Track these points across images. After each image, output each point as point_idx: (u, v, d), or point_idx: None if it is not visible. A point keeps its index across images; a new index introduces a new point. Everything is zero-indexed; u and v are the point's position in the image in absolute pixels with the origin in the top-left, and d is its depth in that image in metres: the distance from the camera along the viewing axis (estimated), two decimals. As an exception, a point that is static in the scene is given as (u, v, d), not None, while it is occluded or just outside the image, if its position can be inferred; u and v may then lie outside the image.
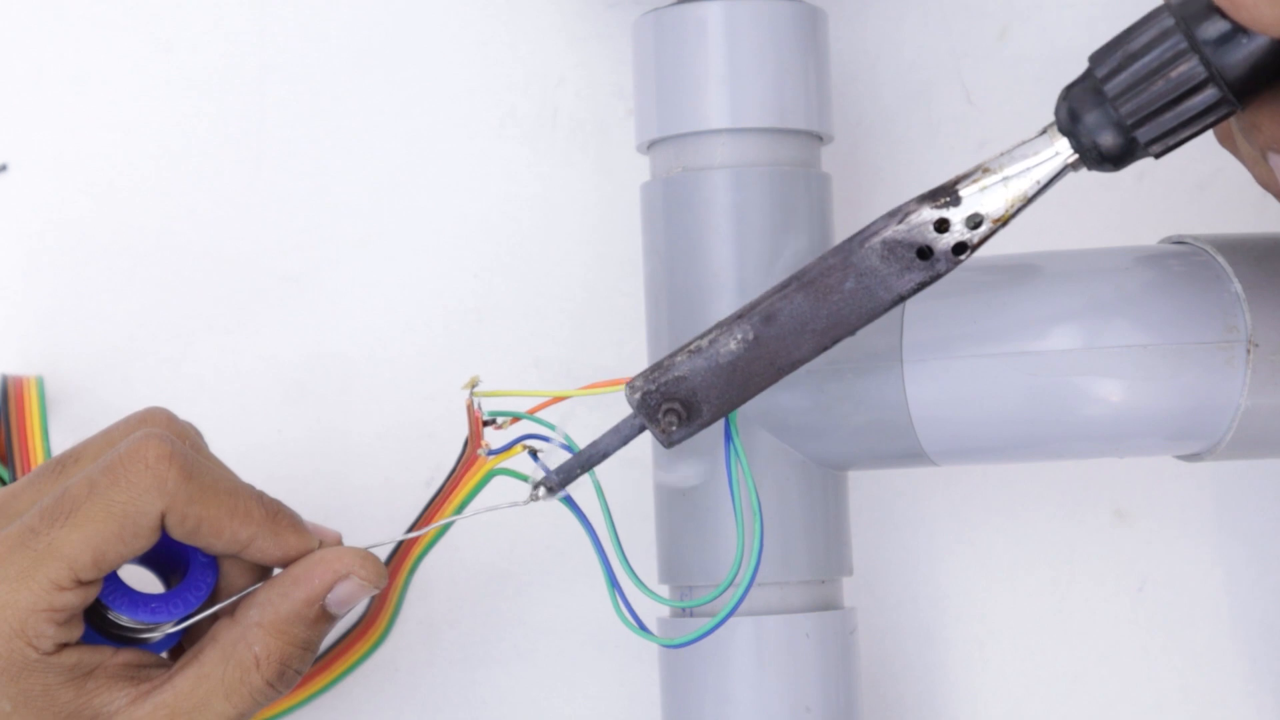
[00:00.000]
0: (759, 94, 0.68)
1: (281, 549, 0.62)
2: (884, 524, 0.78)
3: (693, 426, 0.61)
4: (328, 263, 0.80)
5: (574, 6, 0.80)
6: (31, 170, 0.81)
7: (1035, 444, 0.65)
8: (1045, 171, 0.57)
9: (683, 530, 0.69)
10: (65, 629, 0.60)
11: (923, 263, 0.58)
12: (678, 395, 0.60)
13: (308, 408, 0.79)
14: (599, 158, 0.80)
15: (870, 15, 0.80)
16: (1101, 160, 0.56)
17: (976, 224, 0.57)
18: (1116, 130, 0.55)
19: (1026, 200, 0.57)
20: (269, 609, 0.62)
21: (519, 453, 0.64)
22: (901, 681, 0.78)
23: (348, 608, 0.63)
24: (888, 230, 0.58)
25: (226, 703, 0.61)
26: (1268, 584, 0.78)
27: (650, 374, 0.61)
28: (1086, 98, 0.56)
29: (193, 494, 0.60)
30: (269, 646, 0.62)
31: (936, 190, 0.57)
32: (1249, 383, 0.62)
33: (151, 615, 0.62)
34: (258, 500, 0.62)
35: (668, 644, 0.65)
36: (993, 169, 0.57)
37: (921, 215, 0.57)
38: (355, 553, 0.63)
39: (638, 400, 0.61)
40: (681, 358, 0.60)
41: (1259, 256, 0.63)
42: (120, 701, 0.61)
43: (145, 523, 0.60)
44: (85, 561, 0.59)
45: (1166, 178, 0.79)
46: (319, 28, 0.81)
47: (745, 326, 0.60)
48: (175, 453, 0.60)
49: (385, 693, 0.78)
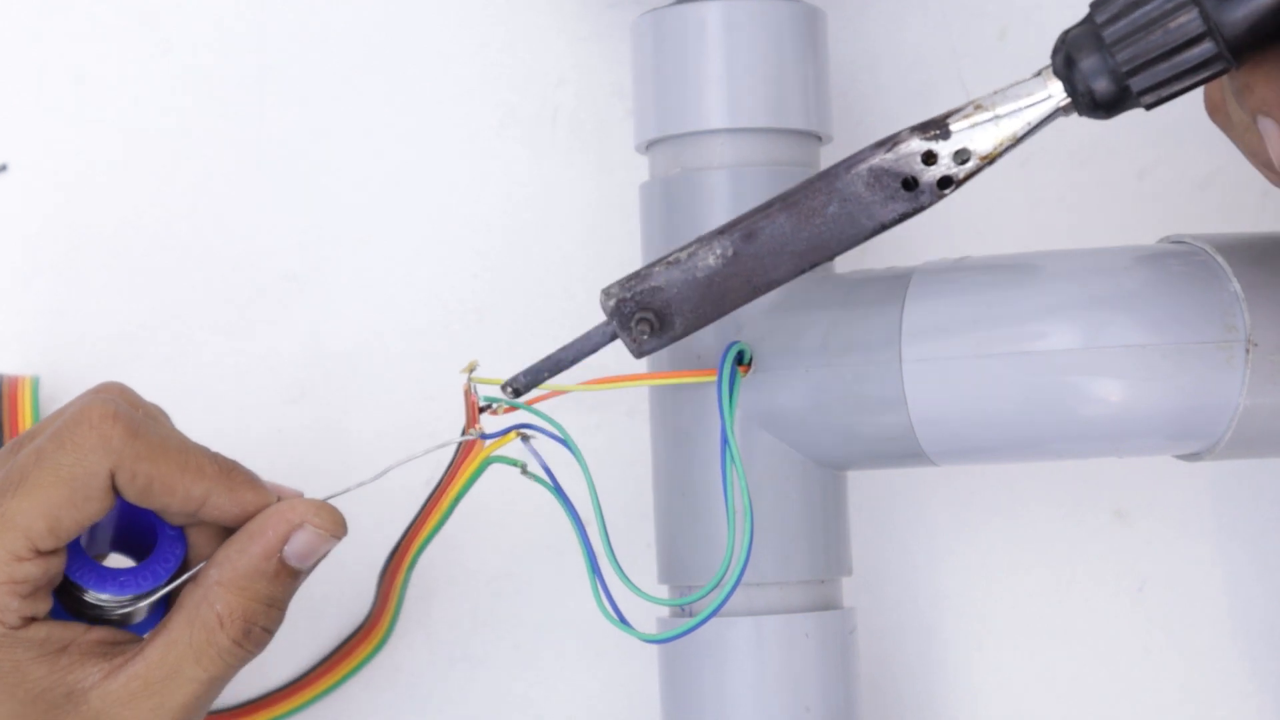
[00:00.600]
0: (758, 94, 0.68)
1: (239, 505, 0.62)
2: (884, 524, 0.78)
3: (664, 338, 0.61)
4: (328, 262, 0.80)
5: (574, 7, 0.80)
6: (31, 170, 0.81)
7: (1035, 444, 0.65)
8: (1037, 113, 0.57)
9: (681, 530, 0.69)
10: (30, 602, 0.60)
11: (907, 193, 0.58)
12: (652, 305, 0.61)
13: (308, 407, 0.79)
14: (599, 158, 0.80)
15: (870, 15, 0.80)
16: (1094, 107, 0.56)
17: (964, 160, 0.57)
18: (1111, 77, 0.55)
19: (1015, 140, 0.57)
20: (227, 566, 0.62)
21: (513, 439, 0.64)
22: (901, 681, 0.78)
23: (310, 561, 0.63)
24: (875, 158, 0.58)
25: (197, 666, 0.61)
26: (1268, 584, 0.78)
27: (626, 282, 0.61)
28: (1084, 42, 0.55)
29: (140, 451, 0.60)
30: (230, 604, 0.61)
31: (927, 122, 0.57)
32: (1248, 382, 0.62)
33: (121, 589, 0.62)
34: (210, 457, 0.62)
35: (645, 638, 0.65)
36: (985, 106, 0.57)
37: (910, 146, 0.57)
38: (309, 502, 0.62)
39: (612, 307, 0.61)
40: (659, 268, 0.60)
41: (1258, 256, 0.63)
42: (94, 677, 0.61)
43: (95, 483, 0.59)
44: (40, 529, 0.59)
45: (1166, 178, 0.79)
46: (319, 28, 0.81)
47: (725, 242, 0.60)
48: (119, 412, 0.60)
49: (385, 693, 0.78)
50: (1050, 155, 0.78)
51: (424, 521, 0.67)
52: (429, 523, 0.67)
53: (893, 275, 0.66)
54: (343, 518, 0.63)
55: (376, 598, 0.74)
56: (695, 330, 0.61)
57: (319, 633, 0.77)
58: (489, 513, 0.76)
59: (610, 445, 0.77)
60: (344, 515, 0.63)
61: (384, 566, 0.72)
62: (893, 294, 0.65)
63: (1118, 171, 0.78)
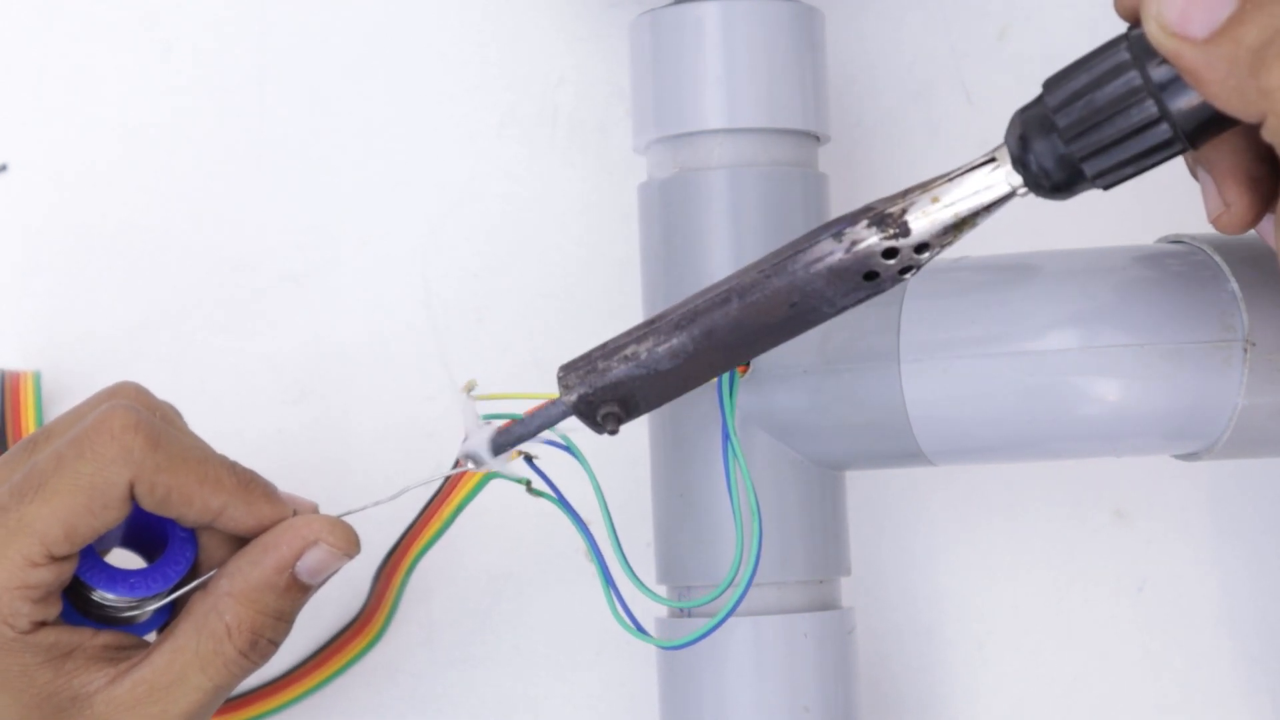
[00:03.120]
0: (756, 94, 0.68)
1: (255, 517, 0.62)
2: (883, 524, 0.78)
3: (631, 418, 0.61)
4: (328, 263, 0.80)
5: (573, 7, 0.80)
6: (31, 170, 0.81)
7: (1033, 444, 0.65)
8: (991, 197, 0.56)
9: (681, 530, 0.69)
10: (41, 606, 0.59)
11: (869, 283, 0.57)
12: (615, 397, 0.61)
13: (308, 407, 0.79)
14: (599, 158, 0.80)
15: (870, 15, 0.80)
16: (1050, 189, 0.56)
17: (923, 250, 0.57)
18: (1064, 163, 0.55)
19: (974, 225, 0.57)
20: (239, 578, 0.61)
21: (516, 458, 0.64)
22: (901, 681, 0.78)
23: (321, 577, 0.62)
24: (833, 258, 0.57)
25: (202, 675, 0.61)
26: (1266, 584, 0.78)
27: (585, 375, 0.61)
28: (1036, 127, 0.55)
29: (160, 462, 0.60)
30: (239, 616, 0.61)
31: (883, 216, 0.56)
32: (1246, 382, 0.62)
33: (131, 590, 0.62)
34: (229, 469, 0.62)
35: (665, 645, 0.65)
36: (940, 198, 0.56)
37: (869, 245, 0.57)
38: (324, 519, 0.62)
39: (574, 401, 0.61)
40: (617, 364, 0.60)
41: (1256, 256, 0.63)
42: (99, 681, 0.60)
43: (114, 493, 0.59)
44: (56, 535, 0.59)
45: (1166, 178, 0.78)
46: (319, 28, 0.81)
47: (684, 339, 0.60)
48: (141, 422, 0.60)
49: (385, 693, 0.78)
50: (1050, 155, 0.78)
51: (423, 528, 0.67)
52: (428, 531, 0.67)
53: (891, 275, 0.66)
54: (356, 536, 0.63)
55: (370, 596, 0.74)
56: (660, 406, 0.62)
57: (313, 629, 0.77)
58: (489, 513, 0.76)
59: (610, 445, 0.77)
60: (358, 534, 0.63)
61: (380, 567, 0.72)
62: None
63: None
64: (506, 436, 0.63)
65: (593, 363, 0.61)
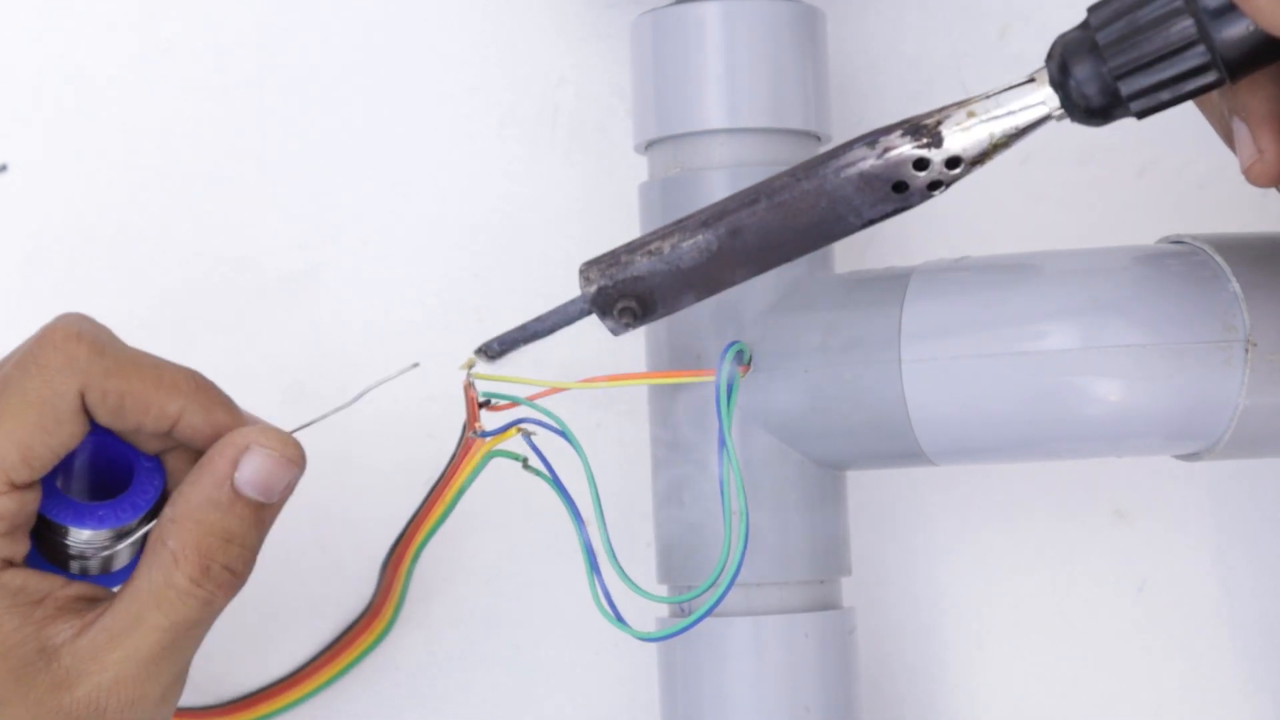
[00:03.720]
0: (756, 94, 0.68)
1: (212, 425, 0.59)
2: (883, 524, 0.78)
3: (645, 320, 0.61)
4: (328, 262, 0.80)
5: (574, 7, 0.80)
6: (31, 170, 0.81)
7: (1034, 444, 0.65)
8: (1028, 118, 0.57)
9: (680, 530, 0.69)
10: (6, 541, 0.57)
11: (897, 195, 0.58)
12: (634, 292, 0.60)
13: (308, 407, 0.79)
14: (599, 158, 0.80)
15: (871, 15, 0.80)
16: (1086, 113, 0.56)
17: (954, 165, 0.57)
18: (1102, 81, 0.55)
19: (1007, 144, 0.57)
20: (180, 500, 0.59)
21: (514, 435, 0.63)
22: (901, 681, 0.78)
23: (268, 491, 0.59)
24: (865, 163, 0.57)
25: (158, 612, 0.58)
26: (1267, 584, 0.78)
27: (606, 269, 0.60)
28: (1077, 47, 0.55)
29: (109, 367, 0.58)
30: (183, 539, 0.58)
31: (918, 127, 0.57)
32: (1247, 382, 0.62)
33: (100, 523, 0.59)
34: (186, 374, 0.59)
35: (640, 636, 0.64)
36: (976, 112, 0.57)
37: (902, 152, 0.57)
38: (260, 427, 0.60)
39: (593, 293, 0.60)
40: (641, 257, 0.60)
41: (1257, 256, 0.63)
42: (66, 633, 0.58)
43: (64, 405, 0.57)
44: (13, 459, 0.56)
45: (1166, 178, 0.79)
46: (319, 27, 0.81)
47: (710, 236, 0.59)
48: (84, 331, 0.58)
49: (385, 692, 0.78)
50: (1050, 155, 0.78)
51: (426, 515, 0.67)
52: (431, 517, 0.67)
53: (892, 275, 0.66)
54: (294, 441, 0.60)
55: (378, 589, 0.74)
56: (675, 312, 0.61)
57: (317, 627, 0.77)
58: (489, 512, 0.76)
59: (610, 445, 0.77)
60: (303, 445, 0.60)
61: (386, 557, 0.72)
62: (892, 294, 0.65)
63: (1117, 171, 0.78)
64: (520, 333, 0.62)
65: (616, 257, 0.60)
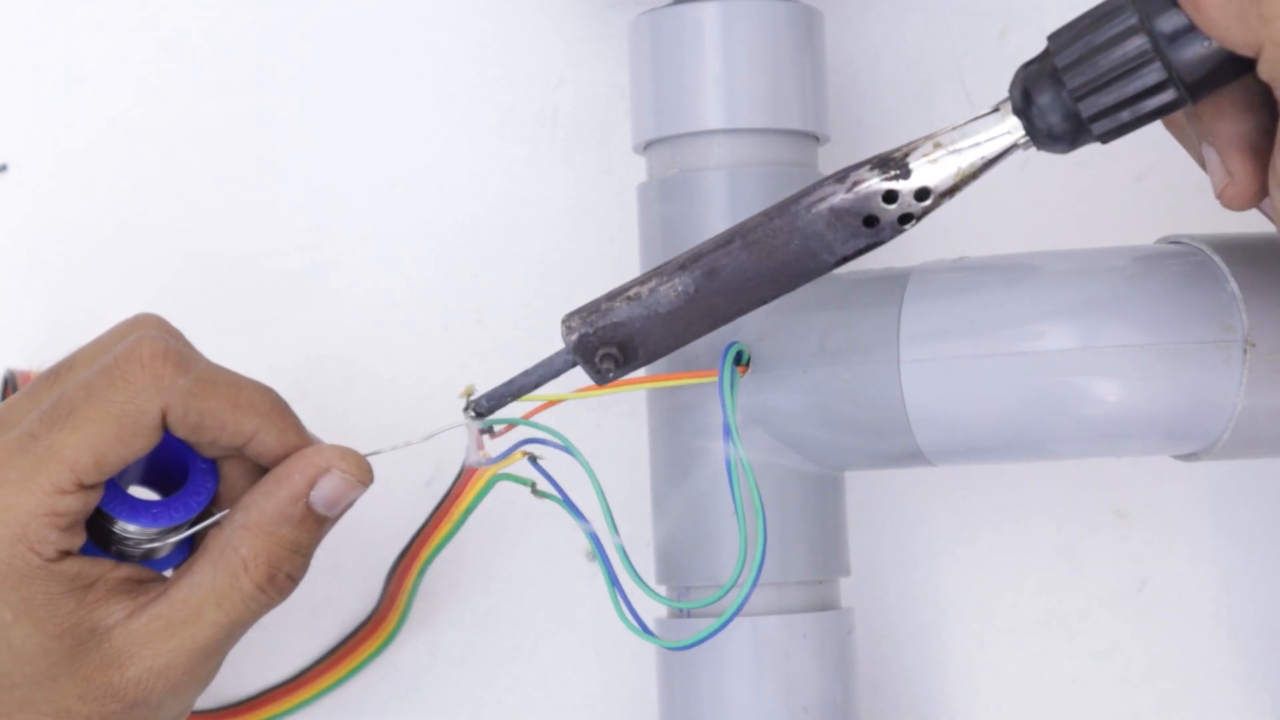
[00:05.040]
0: (755, 94, 0.68)
1: (284, 444, 0.62)
2: (882, 524, 0.78)
3: (627, 368, 0.61)
4: (329, 262, 0.80)
5: (573, 7, 0.80)
6: (31, 170, 0.81)
7: (1032, 444, 0.65)
8: (994, 148, 0.57)
9: (681, 530, 0.69)
10: (67, 535, 0.59)
11: (868, 230, 0.58)
12: (615, 339, 0.61)
13: (308, 408, 0.79)
14: (598, 158, 0.80)
15: (870, 15, 0.80)
16: (1050, 139, 0.56)
17: (923, 198, 0.57)
18: (1063, 106, 0.55)
19: (975, 175, 0.57)
20: (254, 510, 0.61)
21: (520, 459, 0.64)
22: (900, 681, 0.78)
23: (337, 508, 0.62)
24: (835, 198, 0.58)
25: (218, 610, 0.61)
26: (1267, 584, 0.78)
27: (588, 316, 0.61)
28: (1037, 76, 0.56)
29: (192, 388, 0.60)
30: (255, 548, 0.61)
31: (886, 160, 0.57)
32: (1245, 382, 0.62)
33: (153, 520, 0.61)
34: (263, 392, 0.62)
35: (671, 646, 0.65)
36: (943, 144, 0.57)
37: (870, 185, 0.57)
38: (337, 448, 0.62)
39: (574, 341, 0.61)
40: (620, 304, 0.61)
41: (1255, 256, 0.63)
42: (118, 614, 0.60)
43: (145, 421, 0.59)
44: (86, 463, 0.59)
45: (1165, 179, 0.79)
46: (319, 28, 0.81)
47: (686, 279, 0.60)
48: (170, 350, 0.60)
49: (385, 693, 0.78)
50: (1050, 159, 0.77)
51: (431, 532, 0.68)
52: (437, 535, 0.67)
53: (891, 276, 0.66)
54: (369, 465, 0.62)
55: (383, 599, 0.75)
56: (657, 359, 0.62)
57: (319, 631, 0.77)
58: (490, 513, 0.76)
59: (610, 446, 0.77)
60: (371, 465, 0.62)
61: (391, 569, 0.72)
62: (891, 294, 0.65)
63: (1117, 172, 0.78)
64: (508, 388, 0.63)
65: (596, 305, 0.61)
